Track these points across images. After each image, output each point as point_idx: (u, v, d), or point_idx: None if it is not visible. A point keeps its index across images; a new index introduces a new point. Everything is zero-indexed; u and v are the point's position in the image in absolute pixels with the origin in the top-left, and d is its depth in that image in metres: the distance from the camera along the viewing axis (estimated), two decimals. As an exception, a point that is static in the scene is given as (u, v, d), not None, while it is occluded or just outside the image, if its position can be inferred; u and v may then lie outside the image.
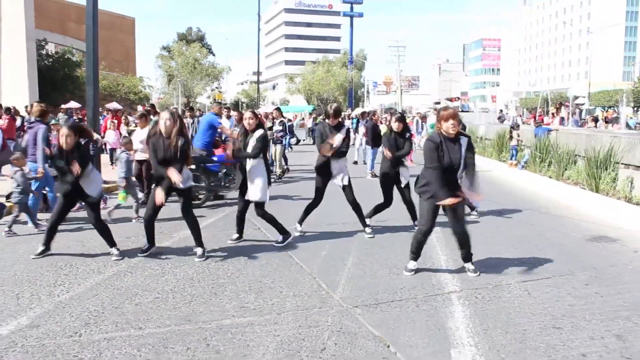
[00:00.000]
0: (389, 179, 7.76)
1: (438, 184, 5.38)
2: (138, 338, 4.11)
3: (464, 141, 5.55)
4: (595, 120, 20.00)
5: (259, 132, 6.82)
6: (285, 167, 14.80)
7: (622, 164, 10.42)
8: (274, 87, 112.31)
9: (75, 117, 21.64)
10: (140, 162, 9.91)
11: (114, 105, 27.55)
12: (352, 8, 79.78)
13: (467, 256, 5.84)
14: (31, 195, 8.02)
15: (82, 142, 6.58)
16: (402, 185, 7.78)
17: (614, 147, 10.51)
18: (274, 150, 14.13)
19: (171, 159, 6.14)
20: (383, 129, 14.38)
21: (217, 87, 73.67)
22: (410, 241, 5.91)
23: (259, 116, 7.58)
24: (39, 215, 8.25)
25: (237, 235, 7.21)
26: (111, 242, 6.50)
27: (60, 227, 7.74)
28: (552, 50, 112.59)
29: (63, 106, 24.52)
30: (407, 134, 7.99)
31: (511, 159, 15.36)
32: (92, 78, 12.13)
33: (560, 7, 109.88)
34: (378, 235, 7.49)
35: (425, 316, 4.60)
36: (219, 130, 10.81)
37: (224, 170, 10.34)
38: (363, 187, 10.48)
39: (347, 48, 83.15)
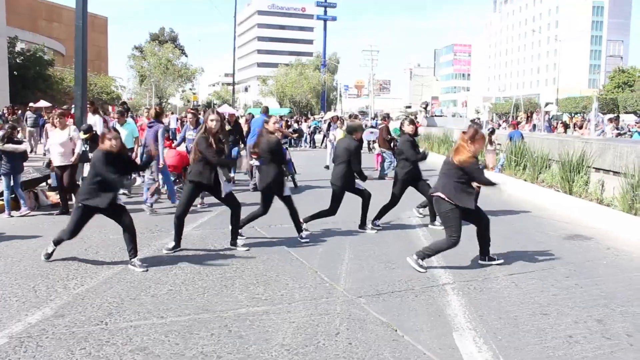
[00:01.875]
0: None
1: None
2: (162, 326, 4.41)
3: None
4: (566, 126, 20.83)
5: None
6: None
7: (594, 167, 11.03)
8: (246, 89, 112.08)
9: (44, 117, 21.25)
10: (61, 168, 9.18)
11: (42, 103, 25.90)
12: (325, 12, 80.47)
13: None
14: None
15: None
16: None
17: (586, 152, 11.11)
18: None
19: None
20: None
21: (190, 89, 73.39)
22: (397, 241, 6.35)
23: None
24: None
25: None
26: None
27: (58, 224, 8.02)
28: (521, 56, 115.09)
29: (32, 105, 24.11)
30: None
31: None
32: (80, 78, 12.28)
33: (529, 15, 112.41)
34: (371, 233, 7.92)
35: (425, 305, 5.00)
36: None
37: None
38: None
39: (320, 51, 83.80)
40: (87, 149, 9.85)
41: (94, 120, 12.91)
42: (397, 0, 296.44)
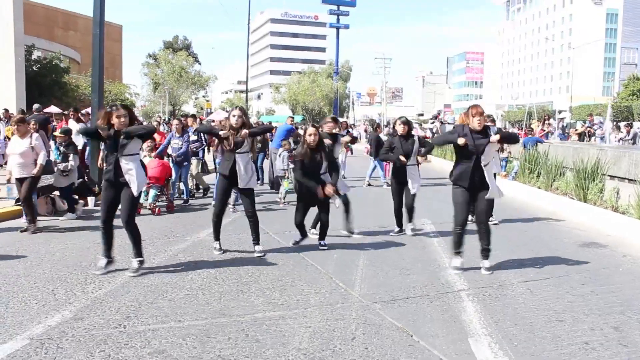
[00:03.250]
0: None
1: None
2: (180, 329, 4.46)
3: None
4: (580, 134, 20.73)
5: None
6: (194, 188, 12.70)
7: (609, 175, 10.98)
8: (259, 97, 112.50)
9: (54, 123, 21.30)
10: (20, 180, 8.41)
11: (53, 108, 25.77)
12: (338, 20, 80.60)
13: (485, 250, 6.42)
14: None
15: None
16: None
17: (601, 160, 11.07)
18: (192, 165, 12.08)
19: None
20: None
21: (203, 96, 73.80)
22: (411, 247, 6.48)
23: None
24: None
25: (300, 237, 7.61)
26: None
27: (76, 229, 8.13)
28: (535, 64, 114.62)
29: (45, 110, 24.28)
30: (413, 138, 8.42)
31: (502, 170, 15.88)
32: (97, 85, 12.43)
33: (542, 23, 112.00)
34: (384, 238, 7.98)
35: (440, 311, 5.02)
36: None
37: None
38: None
39: (332, 59, 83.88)
40: (60, 155, 9.67)
41: (77, 128, 13.07)
42: (409, 8, 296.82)
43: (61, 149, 9.77)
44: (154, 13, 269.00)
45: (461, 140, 6.16)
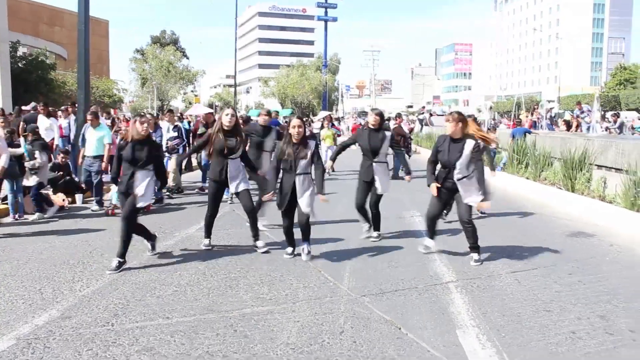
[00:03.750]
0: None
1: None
2: (168, 326, 4.44)
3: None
4: (568, 124, 20.81)
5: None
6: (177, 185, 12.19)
7: (596, 165, 11.04)
8: (247, 91, 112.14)
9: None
10: None
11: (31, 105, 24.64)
12: (326, 12, 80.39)
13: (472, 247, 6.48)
14: None
15: None
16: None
17: (588, 149, 11.13)
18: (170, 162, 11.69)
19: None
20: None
21: (192, 91, 73.45)
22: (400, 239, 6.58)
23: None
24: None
25: (291, 249, 6.69)
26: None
27: (63, 227, 8.09)
28: (523, 55, 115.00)
29: (24, 107, 23.80)
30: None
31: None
32: (83, 82, 12.35)
33: (530, 14, 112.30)
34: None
35: (428, 303, 5.03)
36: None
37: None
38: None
39: (321, 52, 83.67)
40: (27, 154, 9.29)
41: (48, 124, 12.97)
42: (398, 1, 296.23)
43: (27, 146, 9.41)
44: (141, 8, 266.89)
45: (433, 189, 6.48)
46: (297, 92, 77.18)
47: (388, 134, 7.34)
